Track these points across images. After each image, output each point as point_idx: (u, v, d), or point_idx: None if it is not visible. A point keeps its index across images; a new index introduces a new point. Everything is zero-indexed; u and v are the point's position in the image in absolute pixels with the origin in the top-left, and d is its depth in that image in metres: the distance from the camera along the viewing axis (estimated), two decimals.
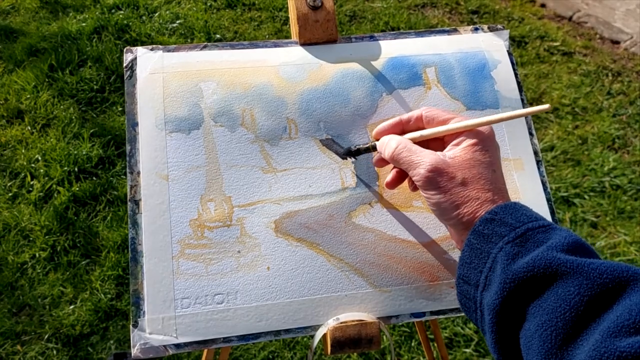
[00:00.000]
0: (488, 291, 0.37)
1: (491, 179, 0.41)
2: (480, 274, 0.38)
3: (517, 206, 0.39)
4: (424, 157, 0.42)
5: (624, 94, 1.85)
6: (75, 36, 1.83)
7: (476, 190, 0.40)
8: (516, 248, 0.36)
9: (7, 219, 1.36)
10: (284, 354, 1.18)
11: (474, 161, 0.41)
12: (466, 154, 0.41)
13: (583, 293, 0.32)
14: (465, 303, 0.40)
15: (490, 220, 0.38)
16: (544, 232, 0.37)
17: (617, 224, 1.48)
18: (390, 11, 2.08)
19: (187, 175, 0.50)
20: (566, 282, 0.33)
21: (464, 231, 0.41)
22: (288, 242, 0.49)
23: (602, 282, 0.32)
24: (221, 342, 0.46)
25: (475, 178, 0.40)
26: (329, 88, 0.55)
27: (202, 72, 0.54)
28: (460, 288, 0.40)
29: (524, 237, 0.37)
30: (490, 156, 0.42)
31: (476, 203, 0.40)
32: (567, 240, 0.35)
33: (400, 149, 0.44)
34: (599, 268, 0.33)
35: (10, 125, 1.59)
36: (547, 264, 0.34)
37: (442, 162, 0.41)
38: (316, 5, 0.55)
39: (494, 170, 0.41)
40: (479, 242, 0.38)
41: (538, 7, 2.22)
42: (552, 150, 1.66)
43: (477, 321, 0.39)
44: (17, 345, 1.17)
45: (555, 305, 0.32)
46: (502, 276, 0.35)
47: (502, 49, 0.59)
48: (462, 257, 0.40)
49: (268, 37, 1.94)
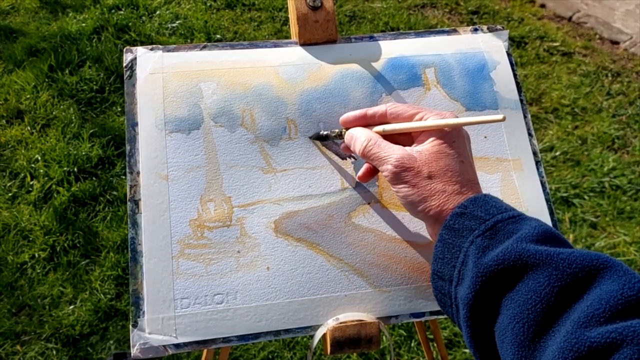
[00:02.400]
0: (462, 286, 0.37)
1: (459, 171, 0.41)
2: (454, 269, 0.38)
3: (487, 198, 0.39)
4: (391, 153, 0.42)
5: (623, 94, 1.86)
6: (75, 36, 1.83)
7: (443, 183, 0.40)
8: (486, 241, 0.36)
9: (6, 219, 1.36)
10: (284, 354, 1.18)
11: (440, 154, 0.41)
12: (432, 147, 0.42)
13: (553, 284, 0.32)
14: (440, 299, 0.40)
15: (461, 215, 0.38)
16: (514, 222, 0.37)
17: (617, 225, 1.48)
18: (390, 11, 2.09)
19: (187, 175, 0.50)
20: (536, 274, 0.33)
21: (435, 224, 0.41)
22: (288, 242, 0.49)
23: (572, 272, 0.32)
24: (221, 342, 0.46)
25: (441, 171, 0.40)
26: (328, 88, 0.55)
27: (202, 72, 0.54)
28: (435, 284, 0.40)
29: (493, 229, 0.36)
30: (458, 147, 0.42)
31: (443, 196, 0.40)
32: (537, 230, 0.35)
33: (370, 144, 0.44)
34: (568, 258, 0.32)
35: (10, 126, 1.59)
36: (516, 256, 0.34)
37: (409, 157, 0.41)
38: (316, 5, 0.55)
39: (462, 162, 0.41)
40: (451, 237, 0.38)
41: (538, 7, 2.23)
42: (551, 151, 1.66)
43: (453, 316, 0.39)
44: (16, 345, 1.17)
45: (526, 297, 0.32)
46: (474, 270, 0.35)
47: (501, 50, 0.59)
48: (435, 252, 0.40)
49: (268, 37, 1.94)
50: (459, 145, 0.42)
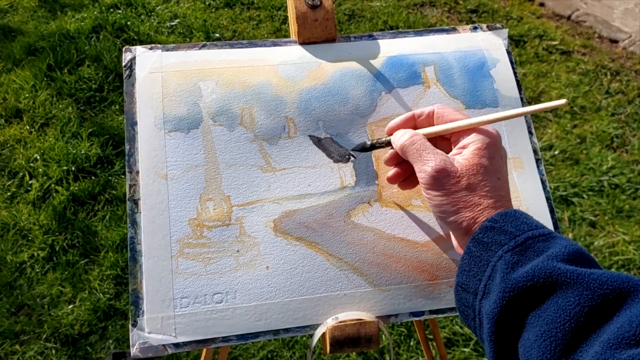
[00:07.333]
0: (487, 300, 0.36)
1: (495, 186, 0.41)
2: (480, 282, 0.37)
3: (518, 214, 0.39)
4: (434, 155, 0.42)
5: (622, 93, 1.86)
6: (74, 35, 1.83)
7: (479, 196, 0.40)
8: (516, 257, 0.36)
9: (5, 219, 1.36)
10: (283, 353, 1.18)
11: (480, 167, 0.41)
12: (473, 158, 0.41)
13: (583, 303, 0.32)
14: (463, 311, 0.40)
15: (490, 228, 0.38)
16: (544, 240, 0.36)
17: (616, 223, 1.48)
18: (389, 10, 2.08)
19: (186, 174, 0.50)
20: (566, 292, 0.33)
21: (464, 236, 0.41)
22: (287, 241, 0.49)
23: (603, 293, 0.32)
24: (220, 342, 0.46)
25: (479, 184, 0.40)
26: (328, 87, 0.55)
27: (201, 71, 0.54)
28: (458, 295, 0.40)
29: (524, 245, 0.36)
30: (496, 163, 0.42)
31: (477, 209, 0.40)
32: (568, 249, 0.35)
33: (415, 140, 0.44)
34: (599, 278, 0.32)
35: (8, 125, 1.58)
36: (547, 274, 0.34)
37: (450, 164, 0.41)
38: (315, 4, 0.55)
39: (498, 178, 0.41)
40: (479, 250, 0.38)
41: (537, 6, 2.22)
42: (550, 150, 1.66)
43: (476, 329, 0.38)
44: (15, 345, 1.17)
45: (555, 315, 0.32)
46: (501, 285, 0.35)
47: (501, 48, 0.59)
48: (462, 264, 0.40)
49: (267, 36, 1.94)
50: (498, 162, 0.42)
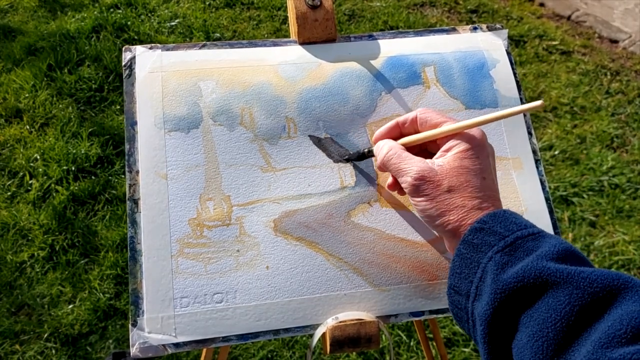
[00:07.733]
0: (479, 301, 0.36)
1: (480, 186, 0.40)
2: (471, 284, 0.37)
3: (507, 214, 0.39)
4: (411, 165, 0.42)
5: (622, 93, 1.86)
6: (74, 35, 1.83)
7: (462, 198, 0.40)
8: (506, 257, 0.36)
9: (5, 218, 1.36)
10: (283, 353, 1.18)
11: (462, 169, 0.40)
12: (454, 161, 0.41)
13: (574, 302, 0.32)
14: (457, 313, 0.40)
15: (480, 230, 0.38)
16: (534, 240, 0.36)
17: (616, 223, 1.48)
18: (389, 10, 2.08)
19: (186, 174, 0.50)
20: (556, 292, 0.33)
21: (452, 239, 0.41)
22: (287, 241, 0.49)
23: (593, 291, 0.32)
24: (220, 342, 0.46)
25: (462, 186, 0.40)
26: (328, 87, 0.55)
27: (201, 71, 0.54)
28: (451, 298, 0.40)
29: (513, 245, 0.36)
30: (481, 163, 0.41)
31: (462, 211, 0.40)
32: (557, 248, 0.35)
33: (390, 155, 0.44)
34: (589, 277, 0.32)
35: (8, 125, 1.58)
36: (537, 274, 0.34)
37: (429, 170, 0.41)
38: (315, 4, 0.55)
39: (483, 178, 0.41)
40: (469, 252, 0.38)
41: (537, 6, 2.22)
42: (550, 150, 1.66)
43: (470, 331, 0.38)
44: (16, 344, 1.17)
45: (546, 315, 0.32)
46: (492, 286, 0.35)
47: (500, 48, 0.59)
48: (453, 267, 0.40)
49: (267, 36, 1.94)
50: (483, 161, 0.41)
